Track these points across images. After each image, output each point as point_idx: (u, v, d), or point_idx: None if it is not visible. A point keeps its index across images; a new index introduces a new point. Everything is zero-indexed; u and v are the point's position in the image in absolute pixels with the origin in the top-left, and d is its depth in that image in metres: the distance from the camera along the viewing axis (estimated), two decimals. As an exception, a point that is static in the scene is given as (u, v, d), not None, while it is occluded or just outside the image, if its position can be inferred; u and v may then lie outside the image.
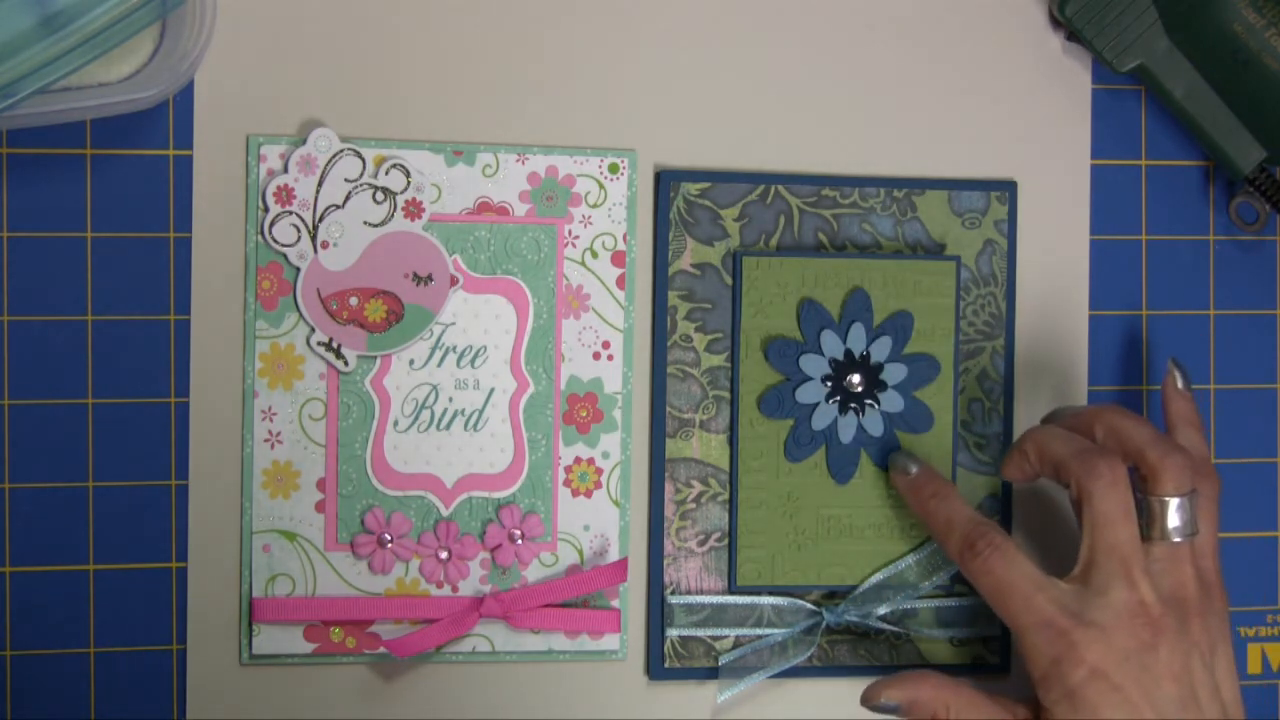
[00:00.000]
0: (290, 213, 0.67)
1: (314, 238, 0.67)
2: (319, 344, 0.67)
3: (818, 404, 0.70)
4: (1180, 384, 0.70)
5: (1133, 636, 0.63)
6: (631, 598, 0.70)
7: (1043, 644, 0.64)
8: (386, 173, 0.67)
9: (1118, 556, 0.64)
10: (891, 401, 0.70)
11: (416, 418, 0.68)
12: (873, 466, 0.71)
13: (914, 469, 0.70)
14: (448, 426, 0.68)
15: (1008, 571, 0.65)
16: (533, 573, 0.69)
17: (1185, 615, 0.64)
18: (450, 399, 0.68)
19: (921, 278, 0.71)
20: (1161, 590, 0.64)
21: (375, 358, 0.68)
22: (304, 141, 0.67)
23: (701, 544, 0.70)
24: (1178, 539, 0.65)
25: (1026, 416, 0.73)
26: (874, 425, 0.70)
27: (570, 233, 0.69)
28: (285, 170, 0.67)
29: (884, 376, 0.70)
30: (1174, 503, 0.65)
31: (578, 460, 0.69)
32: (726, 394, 0.70)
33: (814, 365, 0.70)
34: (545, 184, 0.69)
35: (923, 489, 0.69)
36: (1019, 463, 0.68)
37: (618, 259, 0.70)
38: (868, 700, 0.66)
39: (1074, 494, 0.66)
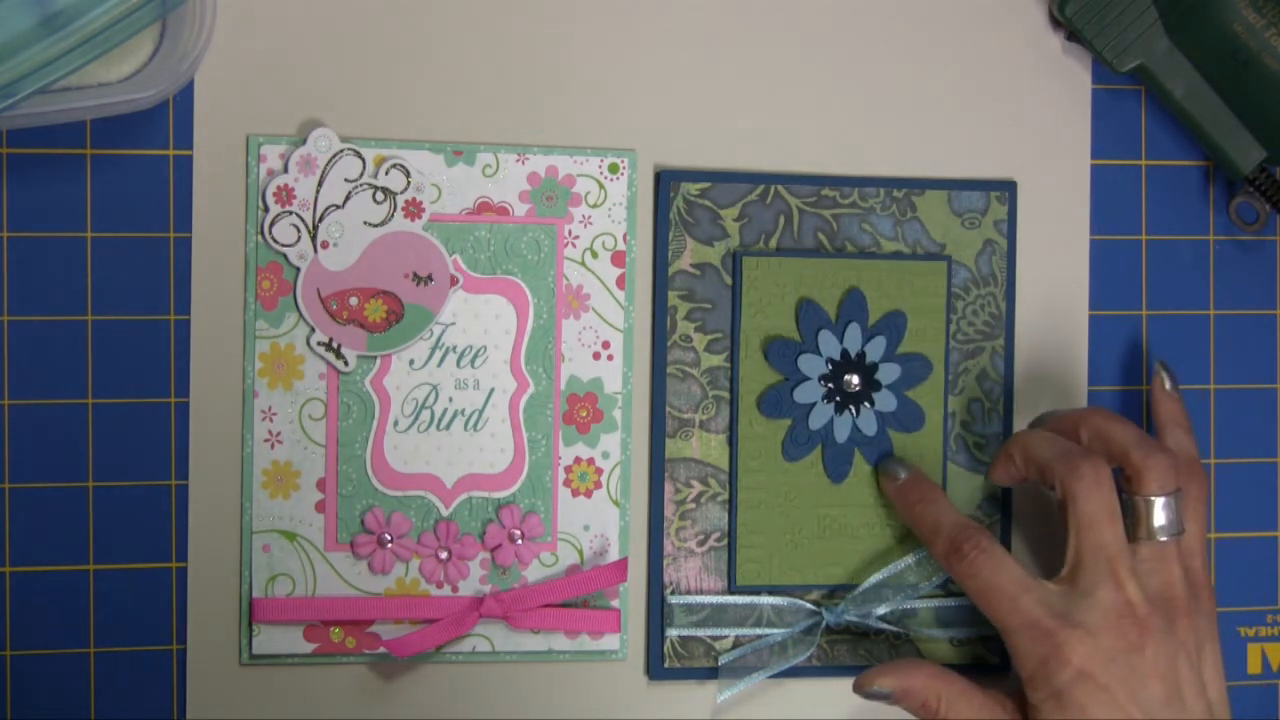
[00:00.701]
0: (290, 213, 0.67)
1: (314, 238, 0.67)
2: (319, 344, 0.67)
3: (815, 404, 0.70)
4: (1168, 385, 0.71)
5: (1119, 637, 0.63)
6: (631, 598, 0.70)
7: (1029, 645, 0.64)
8: (386, 173, 0.67)
9: (1104, 557, 0.64)
10: (885, 401, 0.71)
11: (416, 418, 0.68)
12: (866, 466, 0.71)
13: (902, 474, 0.70)
14: (448, 426, 0.68)
15: (993, 574, 0.65)
16: (533, 573, 0.69)
17: (1172, 615, 0.64)
18: (450, 399, 0.68)
19: (914, 278, 0.71)
20: (1148, 590, 0.64)
21: (375, 358, 0.68)
22: (304, 141, 0.67)
23: (701, 544, 0.70)
24: (1164, 538, 0.65)
25: (1026, 416, 0.73)
26: (868, 425, 0.71)
27: (570, 233, 0.69)
28: (285, 170, 0.67)
29: (878, 376, 0.70)
30: (1159, 502, 0.65)
31: (578, 460, 0.69)
32: (726, 394, 0.70)
33: (812, 365, 0.70)
34: (545, 184, 0.69)
35: (910, 494, 0.69)
36: (1005, 466, 0.69)
37: (618, 259, 0.70)
38: (860, 687, 0.67)
39: (1059, 496, 0.66)
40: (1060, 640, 0.63)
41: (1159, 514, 0.65)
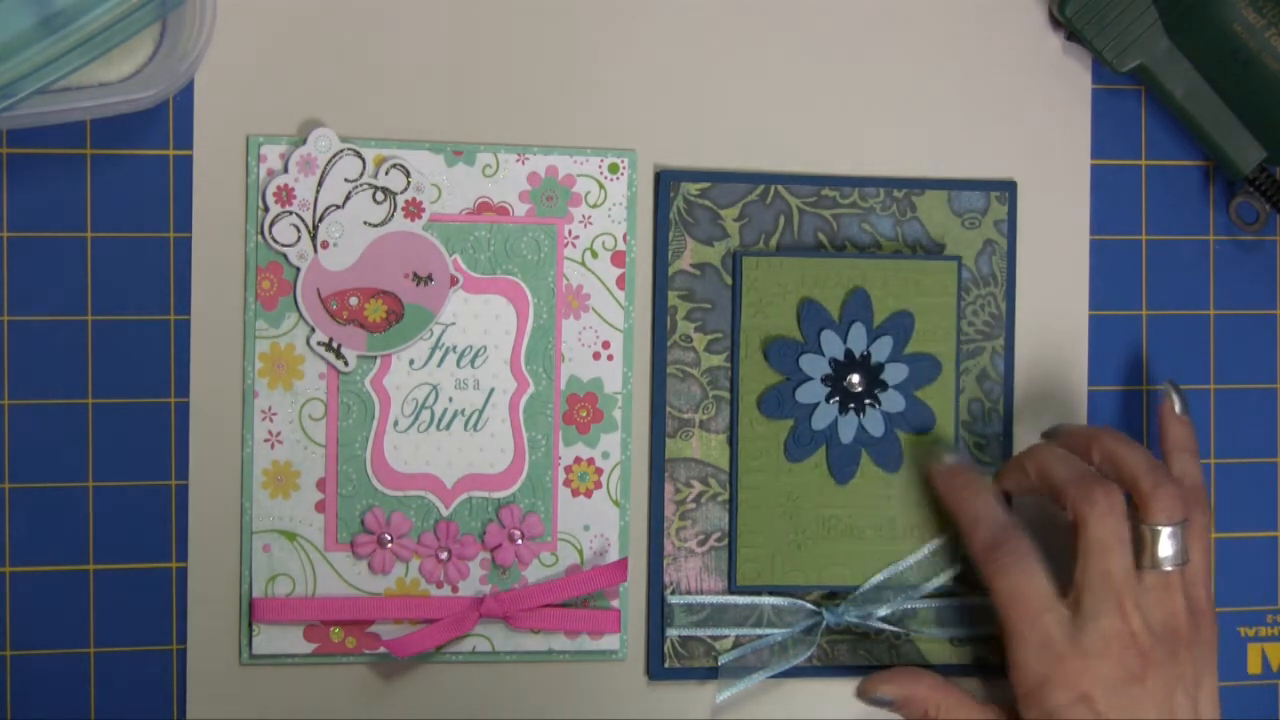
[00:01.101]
0: (290, 213, 0.67)
1: (314, 238, 0.67)
2: (319, 344, 0.67)
3: (818, 404, 0.70)
4: (1178, 409, 0.70)
5: (1121, 666, 0.63)
6: (631, 598, 0.70)
7: (1034, 662, 0.64)
8: (386, 173, 0.67)
9: (1111, 585, 0.64)
10: (893, 401, 0.70)
11: (416, 418, 0.68)
12: (873, 466, 0.71)
13: (949, 459, 0.70)
14: (448, 426, 0.68)
15: (1023, 583, 0.65)
16: (533, 573, 0.69)
17: (1174, 646, 0.64)
18: (450, 399, 0.68)
19: (922, 278, 0.71)
20: (1152, 621, 0.64)
21: (375, 358, 0.68)
22: (304, 141, 0.67)
23: (701, 544, 0.70)
24: (1169, 568, 0.65)
25: (1026, 416, 0.73)
26: (874, 425, 0.70)
27: (570, 233, 0.69)
28: (285, 170, 0.67)
29: (885, 376, 0.70)
30: (1165, 531, 0.65)
31: (578, 460, 0.69)
32: (726, 394, 0.70)
33: (814, 365, 0.70)
34: (545, 184, 0.69)
35: (954, 479, 0.69)
36: (1016, 476, 0.69)
37: (618, 259, 0.70)
38: (864, 692, 0.68)
39: (1069, 518, 0.66)
40: (1065, 663, 0.64)
41: (1165, 544, 0.65)
